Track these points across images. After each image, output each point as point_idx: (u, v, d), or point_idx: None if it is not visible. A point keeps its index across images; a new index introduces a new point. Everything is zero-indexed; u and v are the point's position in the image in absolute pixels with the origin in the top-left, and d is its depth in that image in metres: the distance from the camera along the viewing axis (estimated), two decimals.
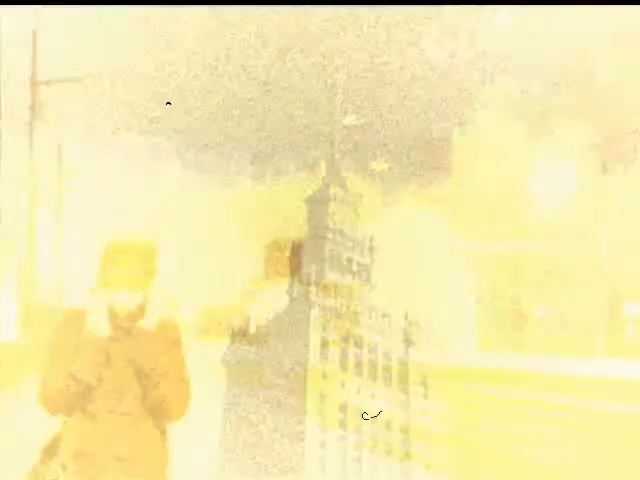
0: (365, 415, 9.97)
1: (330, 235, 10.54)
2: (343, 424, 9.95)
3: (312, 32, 10.01)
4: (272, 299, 10.26)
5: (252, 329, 10.22)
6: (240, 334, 10.19)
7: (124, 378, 4.23)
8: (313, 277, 10.23)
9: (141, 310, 4.31)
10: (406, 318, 10.42)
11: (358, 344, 10.21)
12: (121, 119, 10.20)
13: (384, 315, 10.38)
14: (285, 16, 9.95)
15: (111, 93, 10.08)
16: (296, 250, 10.34)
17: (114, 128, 10.24)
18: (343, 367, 10.09)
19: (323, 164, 10.51)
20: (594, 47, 10.53)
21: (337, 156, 10.49)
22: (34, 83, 10.45)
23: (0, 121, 9.96)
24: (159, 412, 4.28)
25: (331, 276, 10.37)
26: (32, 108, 10.47)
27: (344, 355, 10.11)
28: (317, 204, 10.55)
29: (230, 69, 10.14)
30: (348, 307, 10.27)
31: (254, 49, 10.13)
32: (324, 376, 9.96)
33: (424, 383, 10.30)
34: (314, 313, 10.08)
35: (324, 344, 10.04)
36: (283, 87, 10.15)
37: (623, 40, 10.50)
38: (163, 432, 4.36)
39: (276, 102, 10.18)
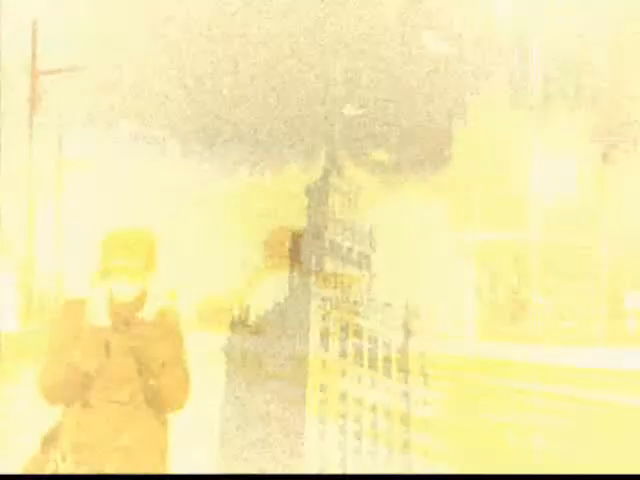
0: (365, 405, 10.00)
1: (330, 225, 10.53)
2: (343, 414, 9.96)
3: (310, 22, 9.99)
4: (272, 289, 10.27)
5: (252, 319, 10.22)
6: (240, 324, 10.20)
7: (124, 368, 4.23)
8: (313, 267, 10.23)
9: (141, 300, 4.31)
10: (406, 308, 10.43)
11: (358, 334, 10.21)
12: (121, 109, 10.19)
13: (384, 305, 10.38)
14: (282, 5, 9.93)
15: (111, 83, 10.07)
16: (296, 240, 10.34)
17: (114, 118, 10.23)
18: (343, 357, 10.10)
19: (323, 154, 10.50)
20: (594, 35, 10.51)
21: (337, 146, 10.48)
22: (34, 73, 10.43)
23: None
24: (159, 402, 4.28)
25: (331, 266, 10.37)
26: (31, 98, 10.46)
27: (344, 345, 10.12)
28: (317, 194, 10.55)
29: (230, 61, 10.13)
30: (348, 297, 10.27)
31: (254, 39, 10.11)
32: (324, 366, 9.97)
33: (424, 372, 10.31)
34: (314, 303, 10.08)
35: (324, 334, 10.05)
36: (282, 78, 10.13)
37: (624, 29, 10.48)
38: (163, 422, 4.37)
39: (275, 93, 10.16)
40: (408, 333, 10.40)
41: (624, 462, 8.98)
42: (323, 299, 10.15)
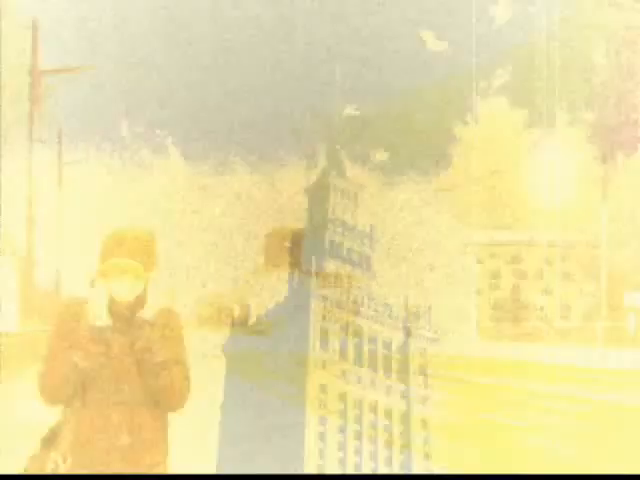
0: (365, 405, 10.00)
1: (330, 225, 10.54)
2: (343, 414, 9.96)
3: (309, 22, 10.00)
4: (272, 289, 10.27)
5: (252, 319, 10.22)
6: (240, 324, 10.19)
7: (124, 368, 4.23)
8: (313, 267, 10.23)
9: (141, 300, 4.32)
10: (406, 308, 10.43)
11: (358, 334, 10.21)
12: (121, 109, 10.19)
13: (384, 305, 10.38)
14: (282, 7, 9.93)
15: (111, 83, 10.08)
16: (296, 240, 10.34)
17: (114, 118, 10.24)
18: (343, 357, 10.10)
19: (323, 154, 10.50)
20: (594, 36, 10.52)
21: (337, 146, 10.48)
22: (34, 73, 10.44)
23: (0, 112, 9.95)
24: (159, 402, 4.28)
25: (331, 266, 10.37)
26: (32, 98, 10.47)
27: (344, 345, 10.12)
28: (317, 194, 10.55)
29: (230, 59, 10.13)
30: (348, 297, 10.27)
31: (254, 39, 10.12)
32: (324, 366, 9.97)
33: (424, 373, 10.31)
34: (314, 303, 10.08)
35: (324, 334, 10.05)
36: (282, 77, 10.14)
37: (622, 30, 10.49)
38: (163, 422, 4.37)
39: (275, 92, 10.17)
40: (408, 333, 10.40)
41: (624, 462, 8.98)
42: (323, 299, 10.15)
